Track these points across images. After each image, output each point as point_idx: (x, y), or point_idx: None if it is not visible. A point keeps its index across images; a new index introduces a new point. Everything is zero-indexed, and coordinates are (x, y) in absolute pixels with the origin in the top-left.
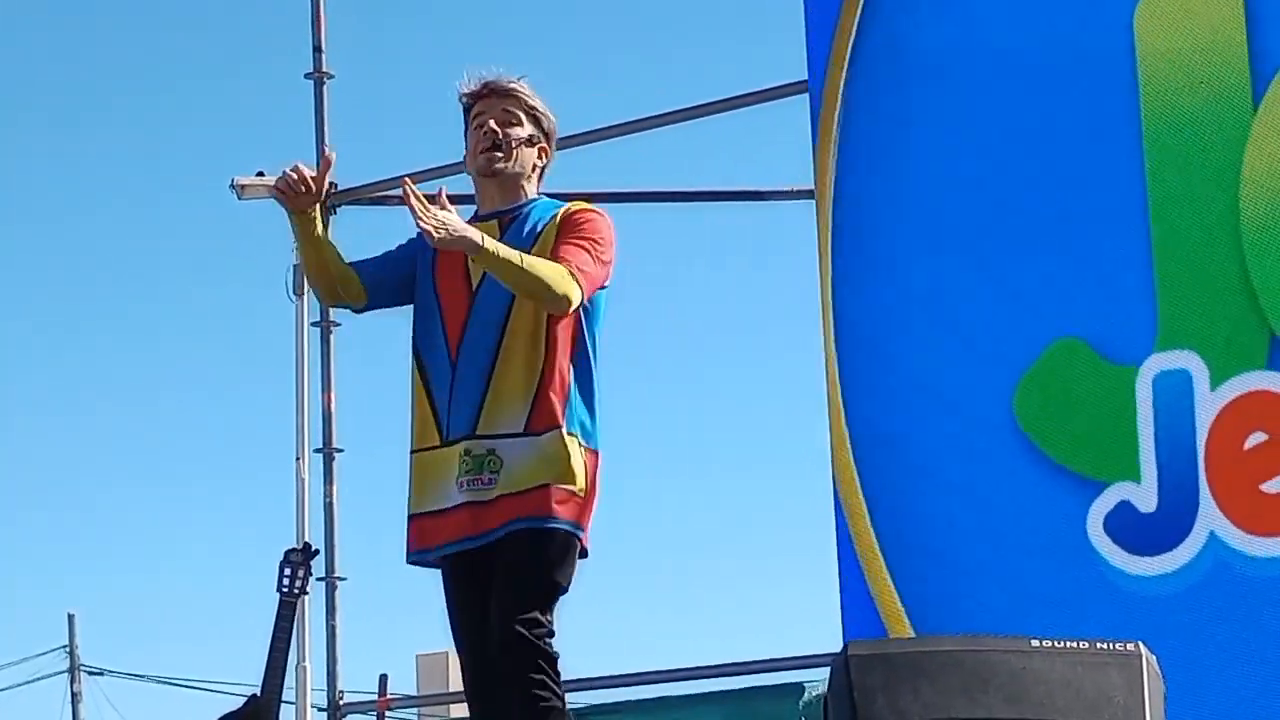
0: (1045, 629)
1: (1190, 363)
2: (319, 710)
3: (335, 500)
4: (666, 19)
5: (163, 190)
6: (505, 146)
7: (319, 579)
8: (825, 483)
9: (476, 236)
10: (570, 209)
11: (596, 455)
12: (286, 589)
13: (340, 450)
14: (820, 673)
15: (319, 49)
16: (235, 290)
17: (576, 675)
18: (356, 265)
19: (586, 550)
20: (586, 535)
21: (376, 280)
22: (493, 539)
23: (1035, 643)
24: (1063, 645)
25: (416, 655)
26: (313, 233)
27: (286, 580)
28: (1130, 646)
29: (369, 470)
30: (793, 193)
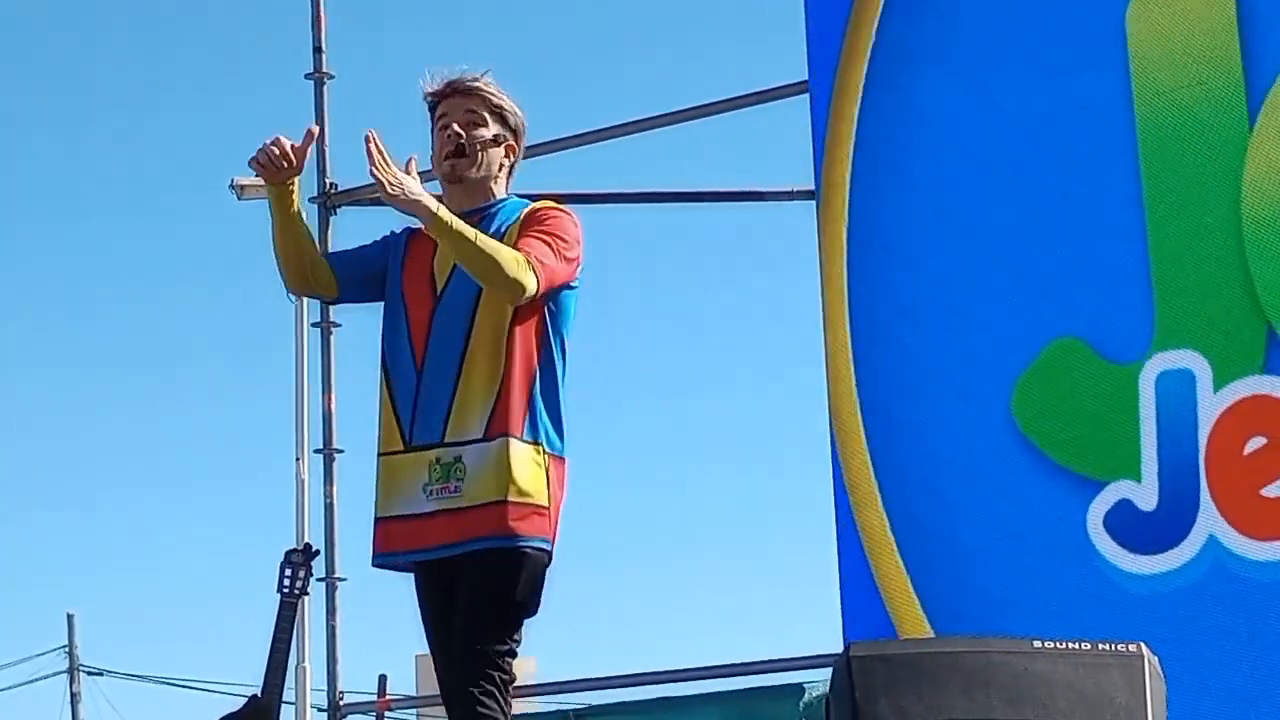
0: (1045, 624)
1: (1194, 363)
2: (319, 711)
3: (335, 501)
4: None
5: (163, 191)
6: (469, 150)
7: (319, 579)
8: (825, 482)
9: (433, 205)
10: (536, 207)
11: (563, 461)
12: (287, 590)
13: (340, 451)
14: (820, 673)
15: (319, 49)
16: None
17: (577, 676)
18: (329, 257)
19: (550, 556)
20: (552, 542)
21: (348, 273)
22: (459, 552)
23: (1037, 644)
24: (1064, 646)
25: (416, 656)
26: (289, 210)
27: (287, 581)
28: (1132, 648)
29: (369, 471)
30: (793, 193)
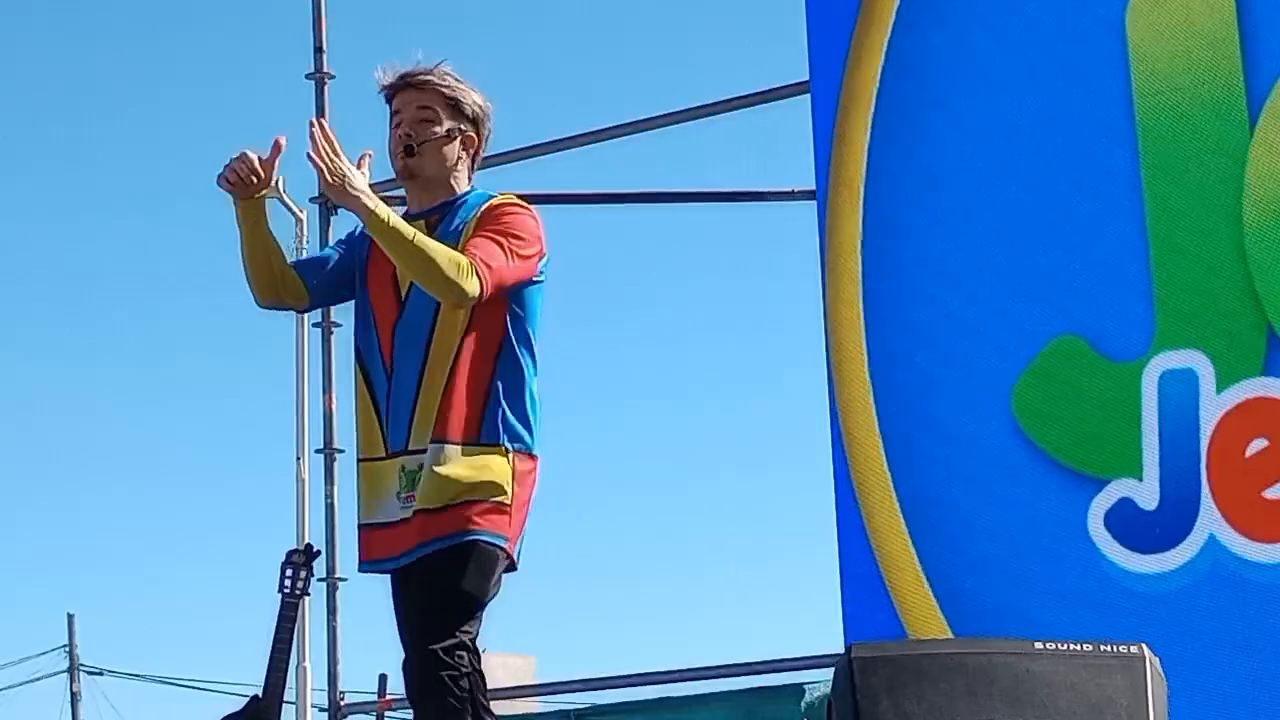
0: (1045, 622)
1: (1197, 363)
2: (320, 711)
3: (336, 501)
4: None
5: (163, 191)
6: (420, 149)
7: (320, 579)
8: (826, 482)
9: (370, 203)
10: (494, 203)
11: (533, 460)
12: (288, 590)
13: (341, 451)
14: (821, 674)
15: (320, 50)
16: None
17: (578, 676)
18: (297, 266)
19: (515, 562)
20: (514, 544)
21: (317, 281)
22: (414, 558)
23: (1039, 645)
24: (1066, 648)
25: None
26: (259, 224)
27: (288, 581)
28: (1134, 649)
29: None
30: (794, 193)
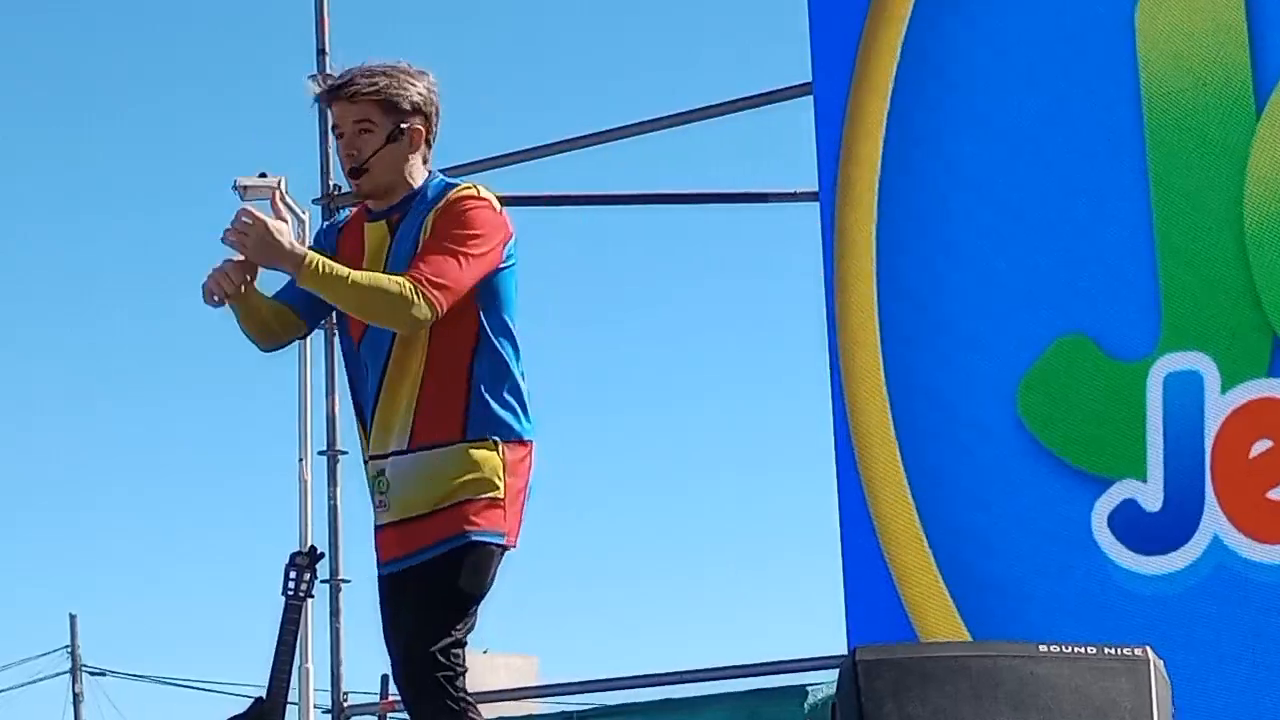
0: (1048, 623)
1: (1202, 365)
2: (323, 712)
3: (339, 502)
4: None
5: (166, 191)
6: (364, 167)
7: (323, 581)
8: (829, 484)
9: (296, 256)
10: (449, 199)
11: (525, 445)
12: (292, 592)
13: (344, 452)
14: (824, 675)
15: (323, 51)
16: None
17: (580, 677)
18: (283, 296)
19: (508, 546)
20: (512, 536)
21: (304, 304)
22: (404, 566)
23: (1043, 648)
24: (1070, 650)
25: None
26: (248, 297)
27: (292, 583)
28: (1138, 651)
29: None
30: (796, 194)
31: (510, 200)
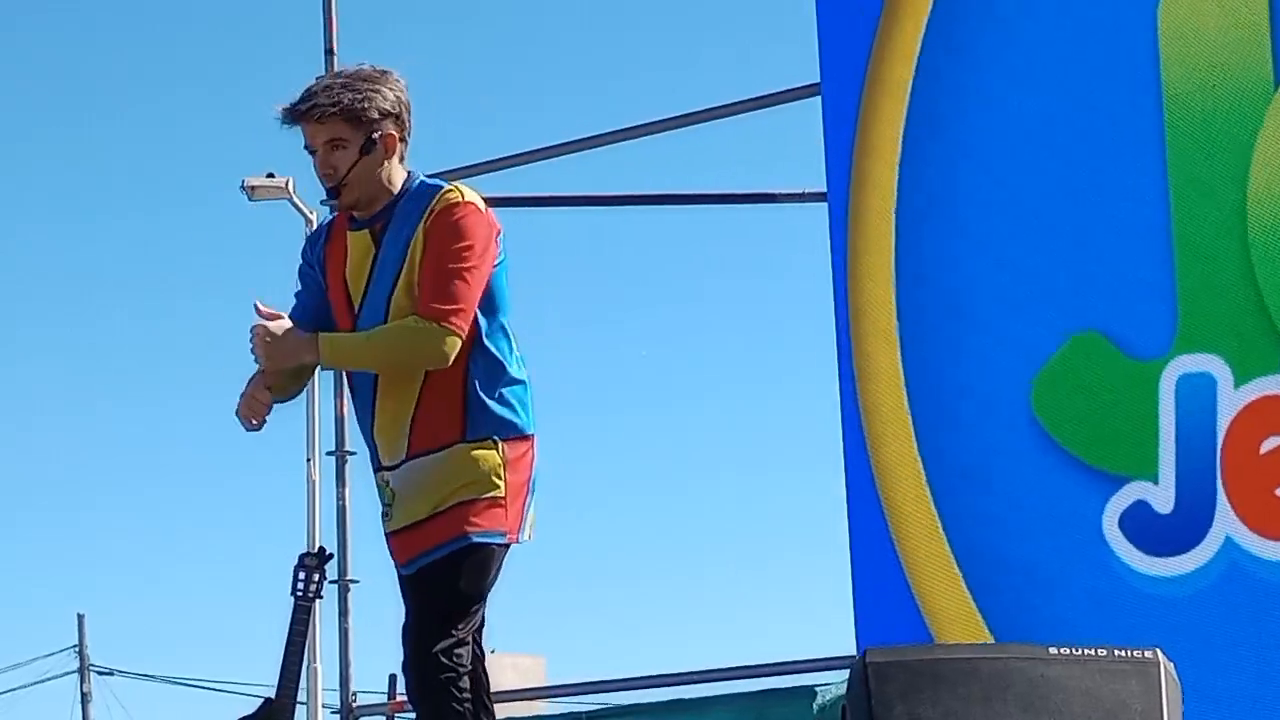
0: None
1: (1214, 366)
2: (332, 712)
3: (348, 503)
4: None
5: (175, 191)
6: (342, 184)
7: (331, 582)
8: (838, 483)
9: (311, 349)
10: (437, 212)
11: (526, 440)
12: (301, 593)
13: (353, 453)
14: (833, 675)
15: (331, 52)
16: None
17: (589, 678)
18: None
19: (510, 543)
20: (514, 533)
21: (322, 329)
22: (412, 571)
23: (1053, 650)
24: (1080, 653)
25: None
26: (275, 394)
27: (301, 584)
28: (1148, 654)
29: None
30: (804, 195)
31: (518, 202)
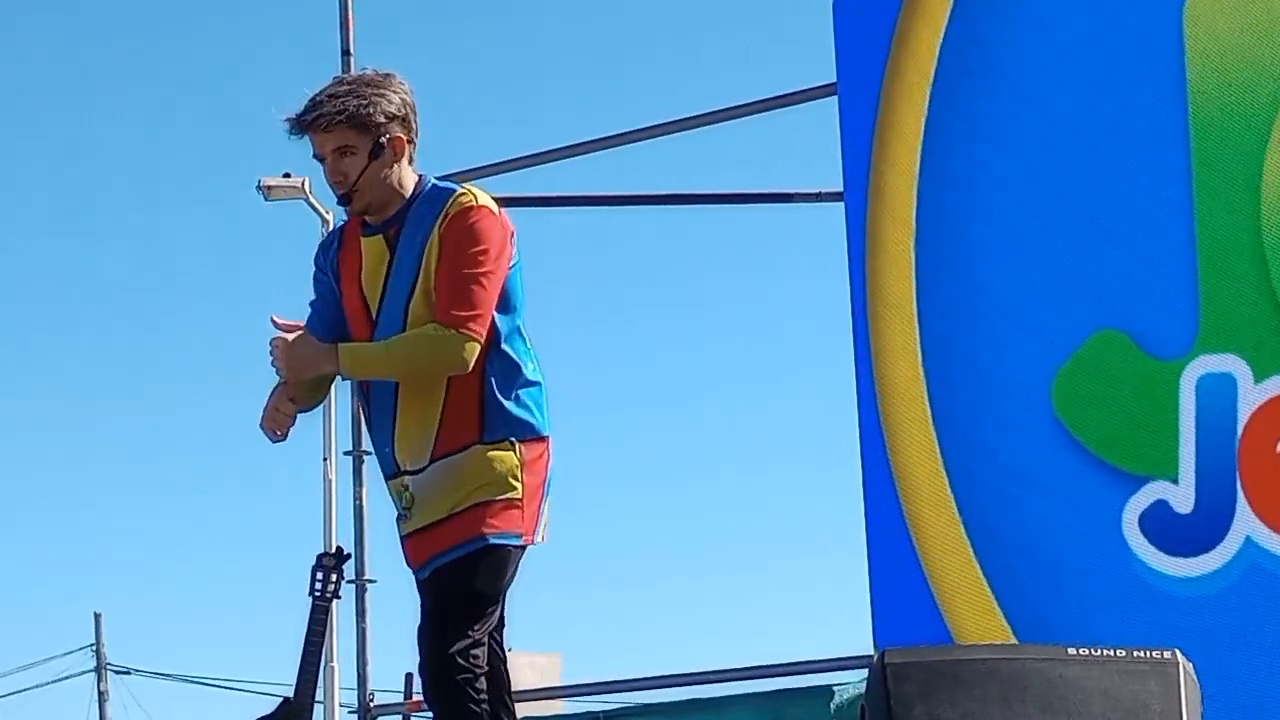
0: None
1: (1235, 367)
2: (349, 711)
3: (365, 502)
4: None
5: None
6: (352, 190)
7: (349, 581)
8: (855, 483)
9: (330, 360)
10: (451, 216)
11: (542, 442)
12: (319, 593)
13: (369, 453)
14: (849, 675)
15: (348, 52)
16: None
17: (603, 676)
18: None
19: (526, 545)
20: (530, 534)
21: (332, 337)
22: (428, 572)
23: (1072, 651)
24: (1099, 654)
25: None
26: (298, 405)
27: (319, 585)
28: (1167, 655)
29: None
30: (820, 195)
31: (530, 202)
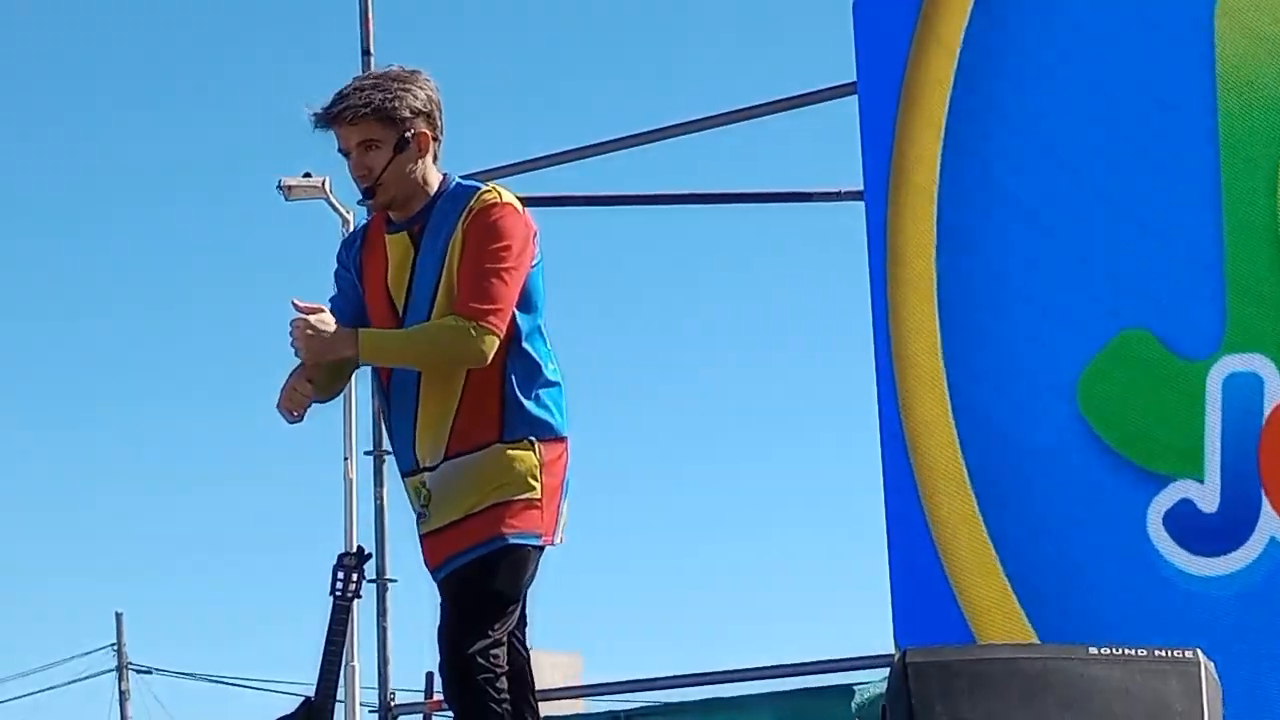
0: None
1: (1262, 367)
2: (370, 710)
3: (385, 502)
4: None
5: (212, 190)
6: (375, 186)
7: (370, 581)
8: (876, 481)
9: (350, 343)
10: (475, 211)
11: (561, 442)
12: (340, 593)
13: (390, 453)
14: (871, 674)
15: (368, 52)
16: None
17: (624, 675)
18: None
19: (545, 545)
20: (550, 535)
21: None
22: (445, 574)
23: (1093, 650)
24: (1121, 653)
25: None
26: (316, 388)
27: (340, 584)
28: (1189, 654)
29: None
30: (840, 194)
31: (551, 201)
